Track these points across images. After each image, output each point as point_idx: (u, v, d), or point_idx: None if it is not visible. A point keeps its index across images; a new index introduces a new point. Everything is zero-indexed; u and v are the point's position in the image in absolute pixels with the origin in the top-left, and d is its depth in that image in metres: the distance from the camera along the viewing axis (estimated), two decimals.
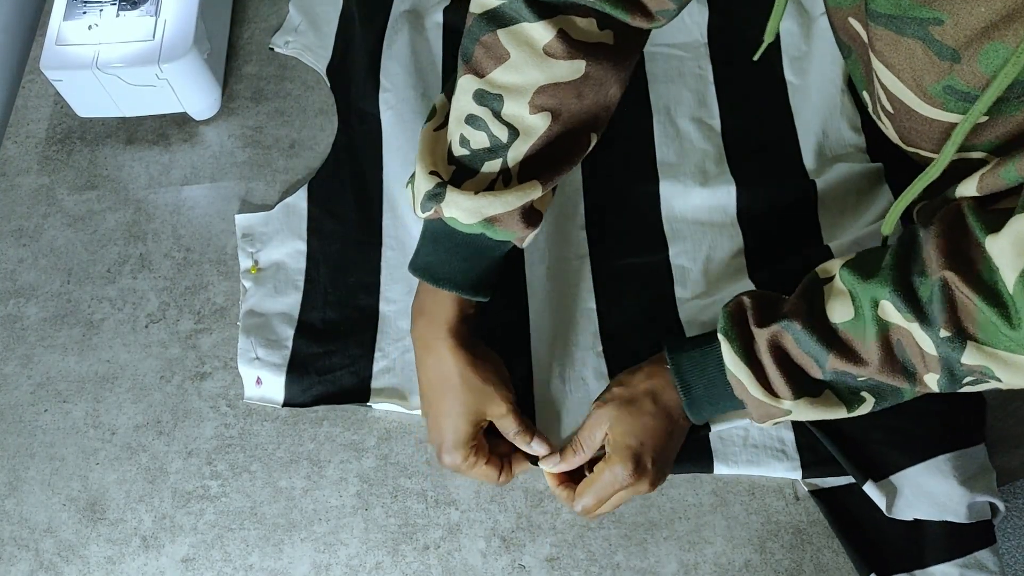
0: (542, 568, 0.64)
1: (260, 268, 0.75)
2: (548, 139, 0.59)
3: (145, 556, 0.66)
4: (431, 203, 0.59)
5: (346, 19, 0.88)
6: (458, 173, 0.60)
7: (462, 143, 0.60)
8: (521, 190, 0.58)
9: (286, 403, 0.70)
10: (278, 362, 0.71)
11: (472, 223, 0.59)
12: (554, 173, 0.60)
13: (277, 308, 0.74)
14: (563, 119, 0.58)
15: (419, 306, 0.65)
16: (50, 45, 0.76)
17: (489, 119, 0.58)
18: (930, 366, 0.51)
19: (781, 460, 0.66)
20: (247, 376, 0.71)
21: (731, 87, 0.83)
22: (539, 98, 0.57)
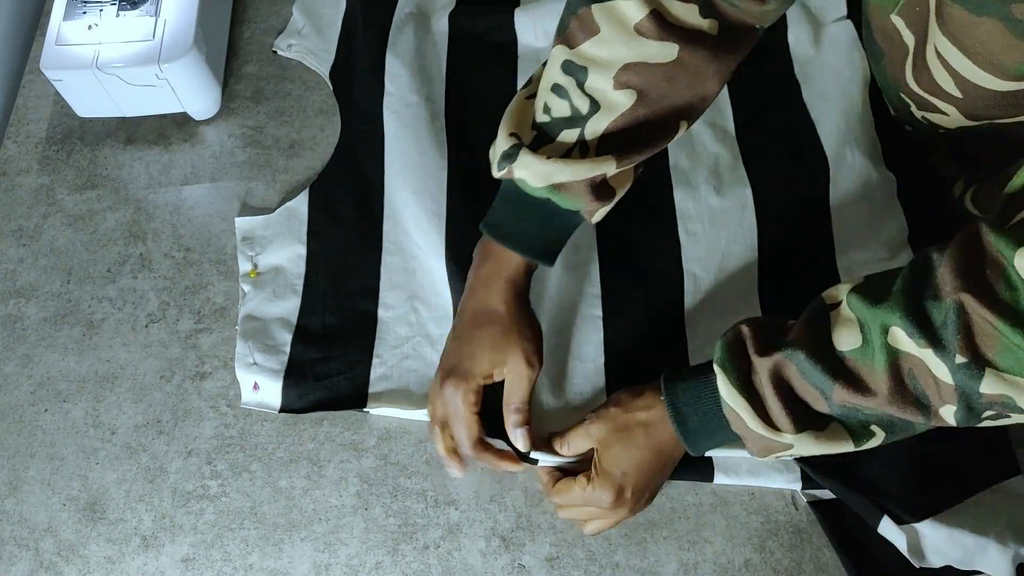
0: (542, 568, 0.64)
1: (259, 272, 0.75)
2: (632, 118, 0.59)
3: (145, 556, 0.66)
4: (505, 163, 0.60)
5: (349, 21, 0.88)
6: (537, 139, 0.61)
7: (544, 110, 0.61)
8: (593, 162, 0.58)
9: (283, 409, 0.70)
10: (275, 368, 0.71)
11: (539, 187, 0.60)
12: (634, 152, 0.59)
13: (275, 313, 0.73)
14: (650, 100, 0.58)
15: (485, 251, 0.66)
16: (50, 45, 0.76)
17: (572, 89, 0.59)
18: (945, 397, 0.47)
19: (782, 472, 0.65)
20: (244, 381, 0.71)
21: (744, 89, 0.82)
22: (624, 75, 0.57)
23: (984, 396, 0.46)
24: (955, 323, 0.45)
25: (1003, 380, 0.45)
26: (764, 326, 0.55)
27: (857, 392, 0.50)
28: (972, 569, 0.61)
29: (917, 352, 0.47)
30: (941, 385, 0.47)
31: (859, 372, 0.50)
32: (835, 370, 0.50)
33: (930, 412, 0.49)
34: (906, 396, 0.49)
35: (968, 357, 0.45)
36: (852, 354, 0.50)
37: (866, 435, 0.53)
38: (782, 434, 0.53)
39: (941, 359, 0.46)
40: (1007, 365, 0.44)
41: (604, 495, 0.60)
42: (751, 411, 0.53)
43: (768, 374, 0.52)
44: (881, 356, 0.48)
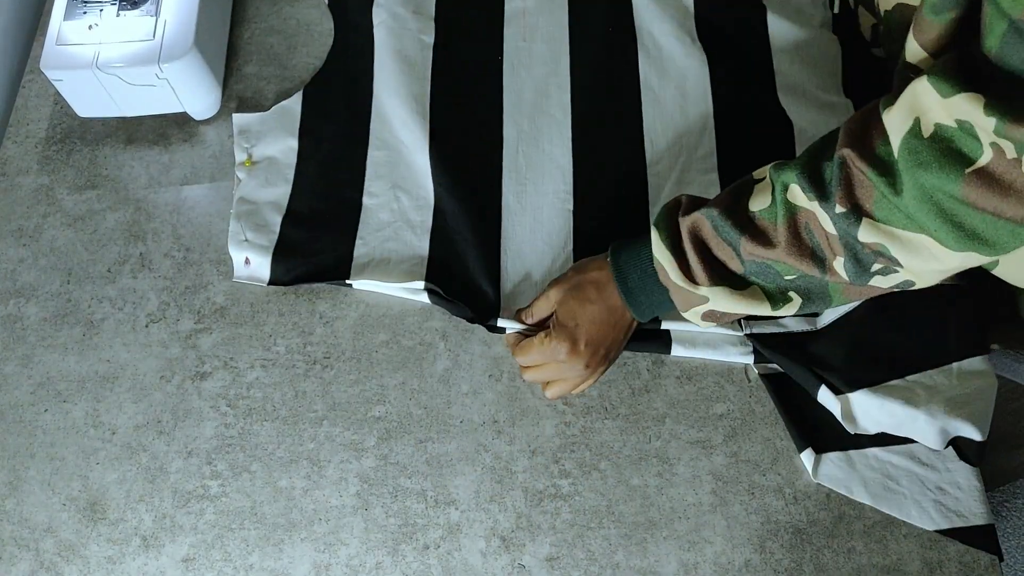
0: (542, 568, 0.64)
1: (254, 161, 0.81)
2: None
3: (145, 556, 0.66)
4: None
5: None
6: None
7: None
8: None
9: (271, 281, 0.75)
10: (265, 244, 0.76)
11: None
12: None
13: (267, 197, 0.78)
14: None
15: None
16: (50, 45, 0.76)
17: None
18: (835, 249, 0.52)
19: (736, 346, 0.70)
20: (236, 257, 0.76)
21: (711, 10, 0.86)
22: None
23: (865, 245, 0.51)
24: (837, 176, 0.50)
25: (878, 229, 0.49)
26: (696, 198, 0.61)
27: (760, 245, 0.55)
28: (904, 436, 0.66)
29: (808, 206, 0.52)
30: (829, 236, 0.52)
31: (764, 227, 0.55)
32: (743, 226, 0.56)
33: (825, 265, 0.54)
34: (803, 249, 0.54)
35: (847, 207, 0.50)
36: (761, 213, 0.56)
37: (783, 300, 0.58)
38: (698, 287, 0.59)
39: (825, 210, 0.51)
40: (882, 215, 0.49)
41: (559, 346, 0.65)
42: (674, 264, 0.59)
43: (687, 230, 0.58)
44: (782, 211, 0.54)
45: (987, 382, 0.66)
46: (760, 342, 0.69)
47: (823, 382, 0.67)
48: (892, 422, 0.65)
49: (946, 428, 0.64)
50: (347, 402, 0.71)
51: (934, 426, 0.64)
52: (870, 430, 0.66)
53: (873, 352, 0.68)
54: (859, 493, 0.65)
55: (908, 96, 0.47)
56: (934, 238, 0.48)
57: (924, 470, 0.66)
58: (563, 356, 0.65)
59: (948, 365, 0.67)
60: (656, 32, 0.85)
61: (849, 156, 0.49)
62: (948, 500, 0.65)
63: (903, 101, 0.47)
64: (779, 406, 0.69)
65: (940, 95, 0.45)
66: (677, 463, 0.68)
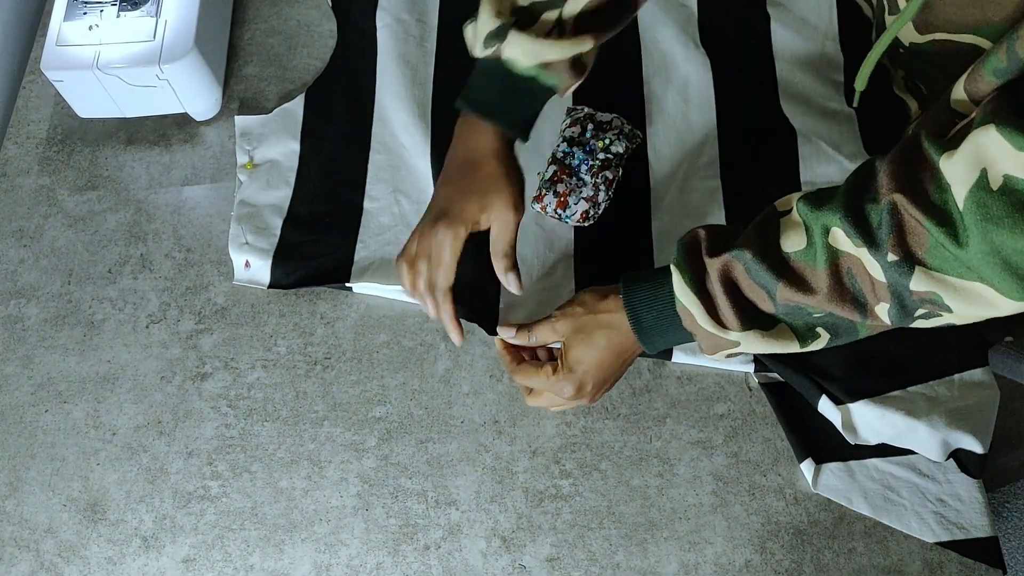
0: (542, 568, 0.64)
1: (255, 164, 0.81)
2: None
3: (146, 556, 0.66)
4: (493, 41, 0.64)
5: None
6: (519, 19, 0.64)
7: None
8: (575, 42, 0.63)
9: (271, 285, 0.75)
10: (266, 247, 0.76)
11: (529, 64, 0.64)
12: (605, 30, 0.64)
13: (268, 200, 0.79)
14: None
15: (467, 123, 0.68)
16: (51, 46, 0.76)
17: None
18: (880, 295, 0.50)
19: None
20: (236, 260, 0.76)
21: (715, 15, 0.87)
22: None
23: (914, 293, 0.49)
24: (889, 223, 0.48)
25: (932, 278, 0.47)
26: (718, 231, 0.58)
27: (799, 291, 0.52)
28: (905, 447, 0.66)
29: (854, 251, 0.50)
30: (876, 283, 0.50)
31: (802, 272, 0.52)
32: (779, 270, 0.53)
33: (867, 310, 0.52)
34: (844, 294, 0.51)
35: (899, 255, 0.47)
36: (796, 255, 0.52)
37: (811, 336, 0.56)
38: (729, 331, 0.56)
39: (875, 257, 0.49)
40: (935, 263, 0.47)
41: (566, 388, 0.63)
42: (701, 309, 0.56)
43: (718, 274, 0.55)
44: (823, 255, 0.51)
45: (988, 393, 0.66)
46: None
47: (824, 392, 0.67)
48: (893, 433, 0.65)
49: (947, 440, 0.64)
50: (348, 402, 0.71)
51: (935, 437, 0.64)
52: (871, 441, 0.66)
53: (874, 363, 0.67)
54: (859, 504, 0.65)
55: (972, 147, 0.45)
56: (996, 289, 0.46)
57: (925, 481, 0.66)
58: (568, 395, 0.63)
59: (949, 376, 0.66)
60: (660, 38, 0.85)
61: (901, 202, 0.47)
62: (949, 512, 0.65)
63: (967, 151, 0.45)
64: (779, 415, 0.69)
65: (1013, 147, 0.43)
66: (678, 463, 0.68)
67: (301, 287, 0.75)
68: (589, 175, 0.75)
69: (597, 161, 0.75)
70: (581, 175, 0.75)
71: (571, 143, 0.76)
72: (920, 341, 0.67)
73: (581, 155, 0.75)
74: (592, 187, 0.74)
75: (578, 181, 0.75)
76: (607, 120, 0.77)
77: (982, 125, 0.45)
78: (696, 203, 0.77)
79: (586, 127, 0.77)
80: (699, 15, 0.86)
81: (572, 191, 0.75)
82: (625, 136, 0.77)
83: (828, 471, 0.66)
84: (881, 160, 0.50)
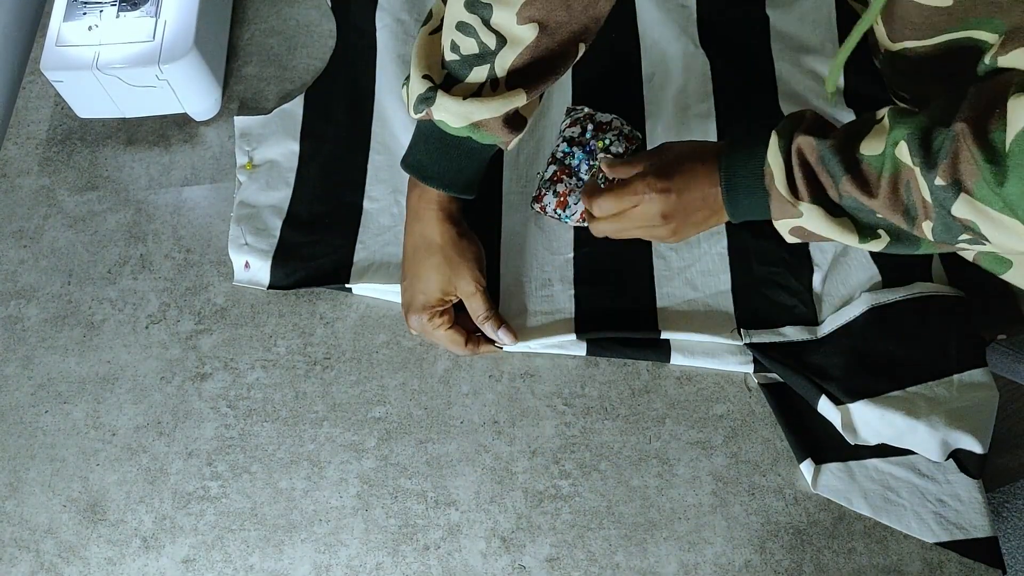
0: (542, 568, 0.64)
1: (255, 165, 0.81)
2: (535, 49, 0.61)
3: (145, 557, 0.66)
4: (422, 105, 0.63)
5: None
6: (449, 78, 0.63)
7: (453, 49, 0.62)
8: (506, 97, 0.61)
9: (271, 285, 0.75)
10: (265, 248, 0.76)
11: (460, 126, 0.63)
12: (540, 82, 0.63)
13: (268, 201, 0.79)
14: (550, 30, 0.60)
15: (412, 188, 0.70)
16: (50, 46, 0.76)
17: (479, 27, 0.60)
18: (928, 213, 0.53)
19: (735, 355, 0.70)
20: (236, 261, 0.76)
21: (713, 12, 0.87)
22: (527, 10, 0.59)
23: (956, 218, 0.51)
24: (948, 148, 0.49)
25: (973, 206, 0.50)
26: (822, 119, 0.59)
27: (860, 190, 0.55)
28: (905, 447, 0.66)
29: (912, 167, 0.52)
30: (926, 202, 0.52)
31: (867, 174, 0.55)
32: (848, 166, 0.55)
33: (916, 223, 0.54)
34: (898, 204, 0.54)
35: (948, 180, 0.50)
36: (869, 159, 0.55)
37: (872, 235, 0.58)
38: (799, 202, 0.57)
39: (924, 177, 0.51)
40: (980, 195, 0.49)
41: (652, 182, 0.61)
42: (783, 171, 0.58)
43: (798, 149, 0.57)
44: (888, 165, 0.53)
45: (988, 394, 0.66)
46: (759, 351, 0.69)
47: (823, 392, 0.67)
48: (892, 433, 0.65)
49: (947, 440, 0.64)
50: (347, 403, 0.71)
51: (935, 437, 0.64)
52: (870, 441, 0.66)
53: (873, 363, 0.67)
54: (859, 504, 0.65)
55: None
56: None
57: (924, 482, 0.66)
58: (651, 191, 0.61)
59: (948, 377, 0.66)
60: (659, 37, 0.85)
61: (963, 133, 0.49)
62: (948, 512, 0.65)
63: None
64: (779, 416, 0.68)
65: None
66: (677, 464, 0.68)
67: (301, 288, 0.75)
68: (589, 175, 0.75)
69: (596, 161, 0.75)
70: (581, 175, 0.75)
71: (571, 143, 0.76)
72: (919, 342, 0.68)
73: (581, 155, 0.76)
74: None
75: (578, 181, 0.75)
76: (607, 120, 0.77)
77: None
78: None
79: (586, 127, 0.77)
80: (698, 15, 0.86)
81: (572, 191, 0.75)
82: (624, 137, 0.77)
83: (828, 471, 0.66)
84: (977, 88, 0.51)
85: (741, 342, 0.70)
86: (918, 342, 0.67)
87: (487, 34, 0.60)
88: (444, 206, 0.68)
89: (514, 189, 0.78)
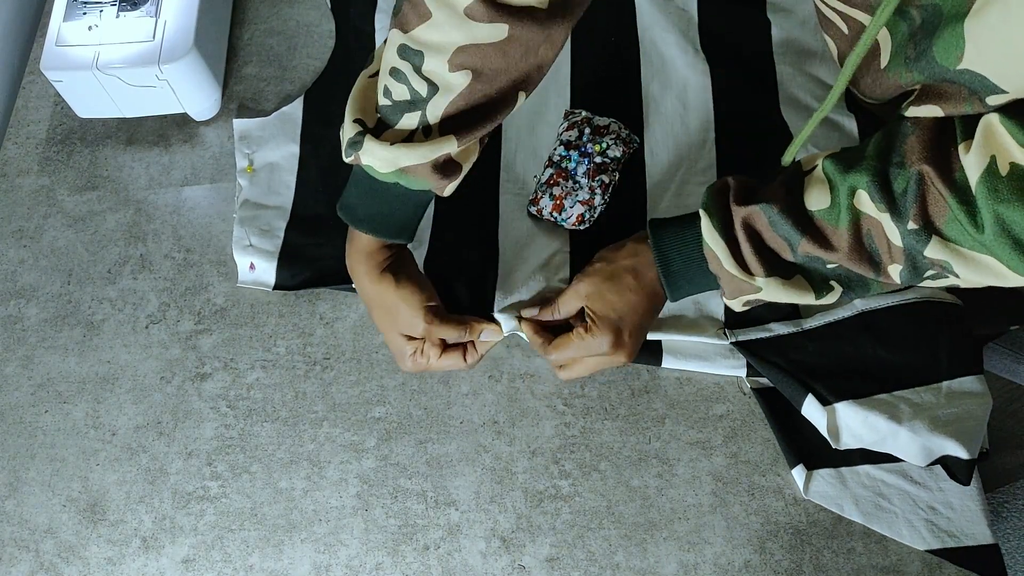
0: (542, 568, 0.65)
1: (255, 168, 0.81)
2: (470, 97, 0.59)
3: (145, 557, 0.66)
4: (351, 150, 0.62)
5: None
6: (381, 123, 0.62)
7: (385, 94, 0.61)
8: (436, 143, 0.60)
9: (276, 286, 0.75)
10: (270, 250, 0.76)
11: (387, 172, 0.61)
12: (474, 129, 0.61)
13: (271, 203, 0.79)
14: (486, 78, 0.59)
15: (349, 237, 0.69)
16: (50, 46, 0.76)
17: (410, 73, 0.59)
18: (895, 257, 0.53)
19: (727, 358, 0.70)
20: (241, 262, 0.76)
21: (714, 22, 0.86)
22: (459, 57, 0.57)
23: (928, 259, 0.52)
24: (914, 192, 0.50)
25: (946, 247, 0.50)
26: (746, 182, 0.61)
27: (821, 247, 0.55)
28: (887, 452, 0.66)
29: (876, 215, 0.52)
30: (892, 246, 0.53)
31: (824, 229, 0.55)
32: (803, 225, 0.56)
33: (880, 269, 0.55)
34: (862, 253, 0.55)
35: (919, 224, 0.50)
36: (820, 213, 0.55)
37: (826, 289, 0.59)
38: (754, 278, 0.58)
39: (895, 223, 0.52)
40: (951, 235, 0.50)
41: (603, 340, 0.63)
42: (727, 252, 0.58)
43: (742, 222, 0.58)
44: (846, 216, 0.54)
45: (979, 401, 0.65)
46: (748, 352, 0.69)
47: (810, 391, 0.66)
48: (874, 438, 0.65)
49: (929, 446, 0.64)
50: (347, 403, 0.71)
51: (915, 442, 0.64)
52: (852, 446, 0.66)
53: (862, 365, 0.67)
54: (850, 511, 0.65)
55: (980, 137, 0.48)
56: (1005, 264, 0.49)
57: (916, 489, 0.66)
58: (606, 349, 0.63)
59: (937, 383, 0.66)
60: (659, 41, 0.84)
61: (928, 174, 0.49)
62: (940, 520, 0.64)
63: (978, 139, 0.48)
64: (771, 421, 0.68)
65: (1017, 142, 0.46)
66: (677, 464, 0.68)
67: (306, 288, 0.75)
68: (585, 178, 0.74)
69: (594, 165, 0.75)
70: (577, 178, 0.75)
71: (568, 146, 0.76)
72: (908, 348, 0.68)
73: (577, 158, 0.76)
74: (588, 191, 0.74)
75: (574, 184, 0.75)
76: (604, 124, 0.77)
77: (988, 115, 0.47)
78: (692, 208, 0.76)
79: (583, 131, 0.77)
80: (699, 19, 0.86)
81: (568, 194, 0.75)
82: (622, 140, 0.77)
83: (819, 477, 0.66)
84: (912, 125, 0.52)
85: (727, 341, 0.70)
86: (909, 347, 0.68)
87: (418, 81, 0.59)
88: (373, 258, 0.67)
89: (511, 192, 0.78)
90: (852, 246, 0.54)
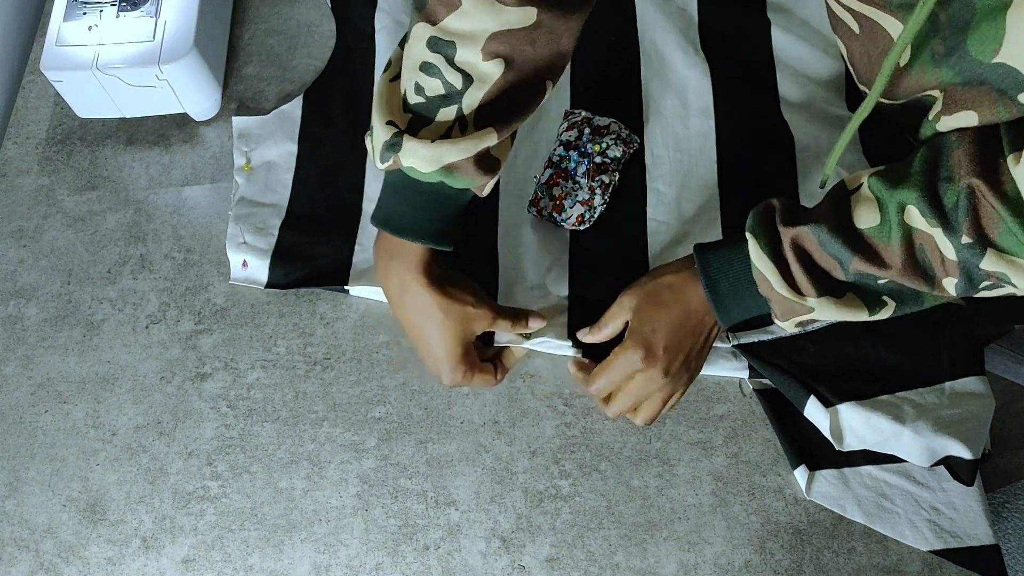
0: (542, 568, 0.64)
1: (252, 167, 0.80)
2: (503, 86, 0.58)
3: (145, 557, 0.66)
4: (389, 153, 0.59)
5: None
6: (414, 122, 0.60)
7: (417, 91, 0.59)
8: (477, 137, 0.58)
9: (269, 284, 0.75)
10: (264, 247, 0.76)
11: (430, 171, 0.59)
12: (510, 119, 0.60)
13: (266, 201, 0.79)
14: (517, 66, 0.58)
15: (387, 251, 0.65)
16: (50, 46, 0.76)
17: (443, 66, 0.58)
18: (949, 271, 0.53)
19: (730, 360, 0.70)
20: (234, 259, 0.76)
21: (715, 23, 0.86)
22: (491, 45, 0.57)
23: (983, 271, 0.51)
24: (965, 206, 0.50)
25: (1002, 259, 0.50)
26: (791, 204, 0.60)
27: (873, 264, 0.54)
28: (890, 453, 0.66)
29: (928, 230, 0.52)
30: (947, 260, 0.52)
31: (876, 247, 0.55)
32: (854, 245, 0.55)
33: (935, 283, 0.54)
34: (916, 268, 0.54)
35: (973, 238, 0.50)
36: (870, 231, 0.55)
37: (879, 304, 0.58)
38: (805, 298, 0.58)
39: (949, 238, 0.51)
40: (1006, 246, 0.50)
41: (634, 355, 0.62)
42: (778, 274, 0.57)
43: (790, 242, 0.57)
44: (897, 232, 0.53)
45: (982, 402, 0.66)
46: (750, 354, 0.69)
47: (812, 392, 0.66)
48: (877, 439, 0.65)
49: (932, 446, 0.64)
50: (347, 403, 0.71)
51: (918, 443, 0.64)
52: (855, 447, 0.66)
53: (864, 366, 0.67)
54: (852, 511, 0.65)
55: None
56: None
57: (919, 489, 0.66)
58: (639, 364, 0.62)
59: (940, 384, 0.66)
60: (659, 42, 0.84)
61: (979, 187, 0.49)
62: (943, 520, 0.64)
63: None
64: (773, 422, 0.68)
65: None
66: (677, 464, 0.68)
67: (299, 287, 0.75)
68: (585, 179, 0.74)
69: (593, 165, 0.75)
70: (577, 179, 0.75)
71: (568, 147, 0.76)
72: (911, 349, 0.68)
73: (577, 158, 0.75)
74: (588, 191, 0.74)
75: (574, 185, 0.75)
76: (604, 124, 0.77)
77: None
78: (693, 208, 0.77)
79: (583, 131, 0.77)
80: (699, 20, 0.86)
81: (568, 195, 0.75)
82: (622, 141, 0.77)
83: (822, 478, 0.66)
84: (957, 139, 0.51)
85: (729, 344, 0.69)
86: (910, 348, 0.68)
87: (452, 73, 0.58)
88: (425, 268, 0.64)
89: (511, 192, 0.78)
90: (905, 262, 0.54)
